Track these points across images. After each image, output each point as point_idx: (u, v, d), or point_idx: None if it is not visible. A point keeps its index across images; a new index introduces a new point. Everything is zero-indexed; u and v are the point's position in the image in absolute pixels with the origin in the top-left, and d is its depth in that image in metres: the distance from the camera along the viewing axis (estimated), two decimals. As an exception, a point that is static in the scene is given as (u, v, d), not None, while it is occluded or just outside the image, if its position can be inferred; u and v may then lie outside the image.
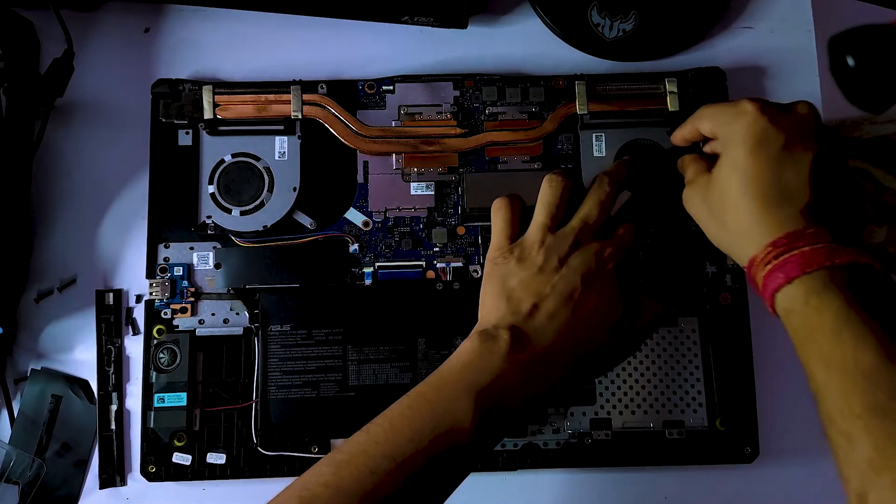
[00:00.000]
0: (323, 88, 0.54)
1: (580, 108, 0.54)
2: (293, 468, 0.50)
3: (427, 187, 0.53)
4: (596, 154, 0.54)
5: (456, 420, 0.38)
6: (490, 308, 0.42)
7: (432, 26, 0.55)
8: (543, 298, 0.41)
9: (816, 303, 0.35)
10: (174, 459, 0.50)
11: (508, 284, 0.42)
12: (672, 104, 0.53)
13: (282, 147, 0.54)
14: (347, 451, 0.38)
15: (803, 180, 0.38)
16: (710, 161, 0.43)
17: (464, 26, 0.55)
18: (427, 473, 0.37)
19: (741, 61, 0.56)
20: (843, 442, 0.33)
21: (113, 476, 0.51)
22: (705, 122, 0.43)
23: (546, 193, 0.44)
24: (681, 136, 0.46)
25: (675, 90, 0.54)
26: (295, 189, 0.53)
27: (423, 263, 0.53)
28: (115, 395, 0.52)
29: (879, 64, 0.36)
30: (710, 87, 0.54)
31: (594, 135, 0.54)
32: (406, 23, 0.55)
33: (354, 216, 0.53)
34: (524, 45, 0.57)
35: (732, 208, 0.40)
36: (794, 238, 0.37)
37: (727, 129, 0.41)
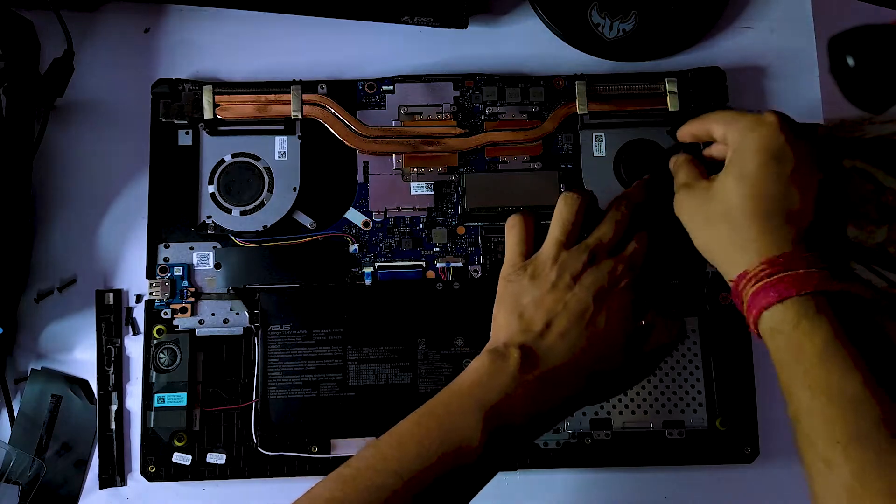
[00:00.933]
0: (323, 88, 0.54)
1: (580, 108, 0.54)
2: (293, 468, 0.50)
3: (427, 187, 0.53)
4: (596, 154, 0.54)
5: (464, 438, 0.38)
6: (502, 325, 0.42)
7: (432, 26, 0.55)
8: (555, 316, 0.40)
9: (807, 327, 0.35)
10: (174, 459, 0.50)
11: (521, 301, 0.41)
12: (672, 104, 0.53)
13: (282, 147, 0.54)
14: (355, 466, 0.38)
15: (808, 204, 0.38)
16: (706, 167, 0.43)
17: (464, 26, 0.55)
18: (434, 491, 0.37)
19: (741, 61, 0.56)
20: (821, 467, 0.33)
21: (113, 476, 0.51)
22: (720, 125, 0.42)
23: (562, 210, 0.43)
24: (689, 131, 0.45)
25: (675, 90, 0.54)
26: (295, 189, 0.53)
27: (423, 263, 0.53)
28: (115, 395, 0.52)
29: (879, 64, 0.36)
30: (710, 87, 0.54)
31: (594, 135, 0.54)
32: (406, 23, 0.55)
33: (354, 216, 0.53)
34: (524, 45, 0.57)
35: (731, 219, 0.39)
36: (790, 259, 0.37)
37: (743, 137, 0.40)
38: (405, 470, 0.37)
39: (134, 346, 0.52)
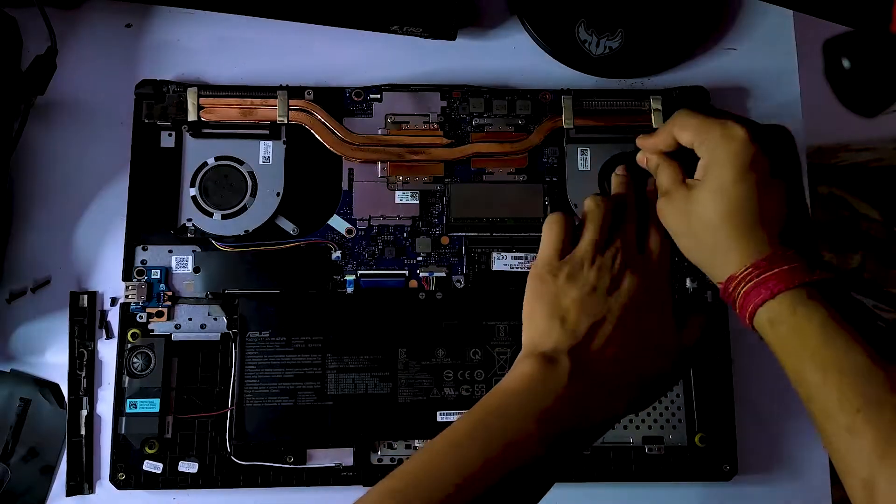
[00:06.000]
0: (310, 94, 0.54)
1: (566, 122, 0.54)
2: (267, 479, 0.49)
3: (412, 196, 0.53)
4: (581, 168, 0.54)
5: (523, 445, 0.37)
6: (543, 330, 0.41)
7: (421, 37, 0.55)
8: (601, 321, 0.40)
9: (804, 311, 0.37)
10: (145, 467, 0.49)
11: (561, 304, 0.41)
12: (657, 121, 0.54)
13: (266, 151, 0.53)
14: (407, 479, 0.37)
15: (780, 208, 0.40)
16: (683, 167, 0.43)
17: (452, 38, 0.56)
18: (497, 500, 0.36)
19: (725, 81, 0.57)
20: (844, 434, 0.35)
21: (81, 483, 0.50)
22: (687, 134, 0.43)
23: (594, 210, 0.43)
24: (653, 144, 0.45)
25: (660, 108, 0.54)
26: (278, 194, 0.53)
27: (406, 272, 0.52)
28: (85, 399, 0.51)
29: (875, 67, 0.36)
30: (693, 105, 0.55)
31: (579, 149, 0.54)
32: (395, 32, 0.55)
33: (338, 223, 0.53)
34: (512, 58, 0.57)
35: (712, 229, 0.40)
36: (773, 260, 0.39)
37: (714, 150, 0.41)
38: (465, 480, 0.36)
39: (107, 350, 0.51)
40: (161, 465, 0.49)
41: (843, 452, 0.36)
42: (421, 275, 0.52)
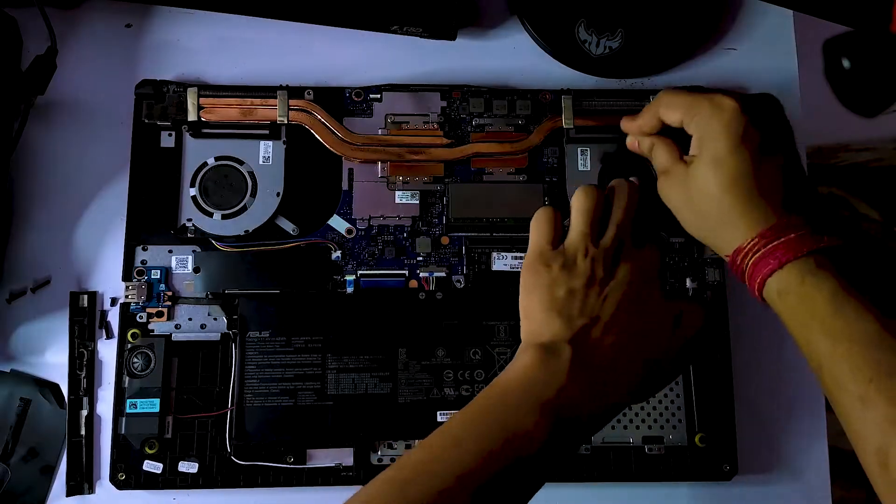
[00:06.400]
0: (310, 94, 0.54)
1: (566, 122, 0.54)
2: (267, 479, 0.49)
3: (412, 196, 0.53)
4: (581, 168, 0.54)
5: (525, 434, 0.37)
6: (541, 321, 0.40)
7: (421, 37, 0.55)
8: (598, 311, 0.40)
9: (813, 280, 0.38)
10: (145, 467, 0.49)
11: (557, 295, 0.40)
12: (657, 121, 0.54)
13: (266, 151, 0.53)
14: (408, 469, 0.37)
15: (778, 176, 0.40)
16: (680, 146, 0.44)
17: (452, 38, 0.56)
18: (495, 491, 0.36)
19: (725, 81, 0.57)
20: (856, 404, 0.36)
21: (81, 483, 0.50)
22: (673, 111, 0.43)
23: (582, 202, 0.42)
24: (638, 127, 0.46)
25: (660, 108, 0.54)
26: (278, 194, 0.53)
27: (406, 273, 0.52)
28: (86, 399, 0.51)
29: (875, 67, 0.36)
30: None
31: (579, 149, 0.54)
32: (395, 32, 0.55)
33: (338, 223, 0.53)
34: (512, 58, 0.57)
35: (714, 202, 0.41)
36: (779, 228, 0.39)
37: (706, 125, 0.41)
38: (465, 471, 0.36)
39: (107, 350, 0.51)
40: (161, 465, 0.49)
41: (856, 423, 0.36)
42: (421, 275, 0.52)
